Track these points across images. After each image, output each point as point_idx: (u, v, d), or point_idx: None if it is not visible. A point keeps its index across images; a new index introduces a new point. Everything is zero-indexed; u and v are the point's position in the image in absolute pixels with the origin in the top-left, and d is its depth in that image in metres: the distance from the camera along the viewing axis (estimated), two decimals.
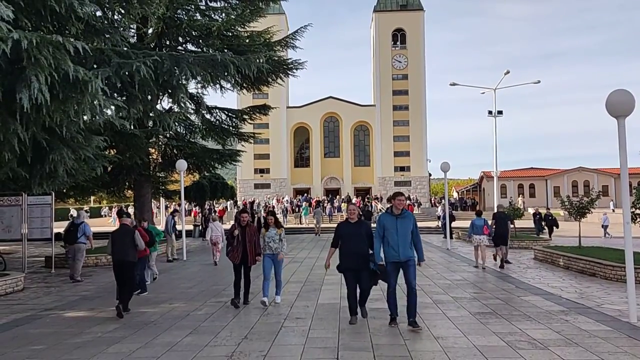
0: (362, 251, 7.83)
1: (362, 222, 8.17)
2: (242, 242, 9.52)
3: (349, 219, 8.10)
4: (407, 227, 7.61)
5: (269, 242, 9.58)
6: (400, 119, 63.16)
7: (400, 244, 7.55)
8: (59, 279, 14.46)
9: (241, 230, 9.61)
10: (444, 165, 22.19)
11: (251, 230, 9.66)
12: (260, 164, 63.55)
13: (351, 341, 7.04)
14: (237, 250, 9.53)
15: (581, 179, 57.21)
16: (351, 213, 8.14)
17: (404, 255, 7.55)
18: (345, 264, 7.87)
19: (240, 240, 9.54)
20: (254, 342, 7.11)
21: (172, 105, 20.17)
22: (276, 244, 9.59)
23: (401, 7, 64.18)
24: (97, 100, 10.36)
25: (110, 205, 59.94)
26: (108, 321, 8.69)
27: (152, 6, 14.30)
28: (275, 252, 9.62)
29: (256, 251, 9.61)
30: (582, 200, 18.34)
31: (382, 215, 7.88)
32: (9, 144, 10.04)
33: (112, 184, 23.48)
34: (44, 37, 8.81)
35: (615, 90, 8.32)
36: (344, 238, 7.93)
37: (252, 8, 22.61)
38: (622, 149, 8.30)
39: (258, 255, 9.63)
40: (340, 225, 8.16)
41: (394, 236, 7.56)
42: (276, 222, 9.79)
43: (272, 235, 9.64)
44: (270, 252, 9.62)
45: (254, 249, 9.58)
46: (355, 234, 7.88)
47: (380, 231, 7.68)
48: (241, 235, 9.56)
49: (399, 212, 7.70)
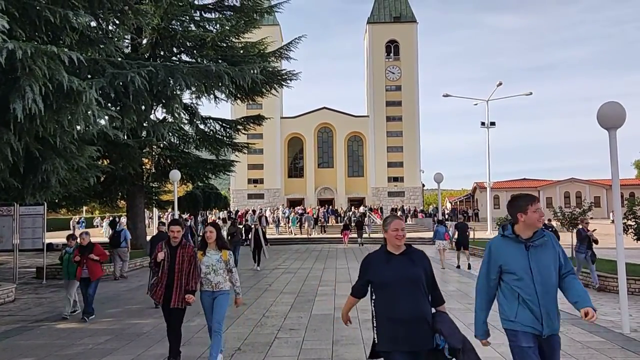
0: (422, 312, 3.96)
1: (416, 254, 4.10)
2: (168, 272, 6.32)
3: (391, 245, 4.08)
4: (548, 263, 3.81)
5: (207, 272, 6.28)
6: (394, 129, 63.42)
7: (541, 298, 3.74)
8: (49, 290, 14.34)
9: (171, 253, 6.38)
10: (438, 176, 22.29)
11: (186, 254, 6.35)
12: (254, 174, 63.48)
13: (345, 352, 7.02)
14: (161, 283, 6.35)
15: (573, 190, 57.53)
16: (397, 235, 4.02)
17: (548, 327, 3.75)
18: (389, 341, 3.93)
19: (167, 268, 6.32)
20: (247, 353, 7.07)
21: (166, 115, 20.19)
22: (219, 276, 6.29)
23: (394, 19, 64.71)
24: (91, 111, 10.37)
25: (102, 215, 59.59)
26: (99, 332, 8.62)
27: (146, 17, 14.35)
28: (218, 289, 6.28)
29: (189, 285, 6.27)
30: (574, 211, 18.46)
31: (496, 242, 4.00)
32: (2, 154, 10.02)
33: (104, 194, 23.45)
34: (39, 48, 8.82)
35: (607, 102, 8.42)
36: (384, 286, 3.98)
37: (247, 19, 22.76)
38: (613, 161, 8.38)
39: (191, 292, 6.26)
40: (374, 260, 4.12)
41: (528, 283, 3.76)
42: (219, 241, 6.42)
43: (212, 262, 6.30)
44: (210, 288, 6.29)
45: (185, 281, 6.30)
46: (407, 277, 3.94)
47: (492, 271, 3.94)
48: (170, 260, 6.35)
49: (531, 236, 3.85)
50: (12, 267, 16.33)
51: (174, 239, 6.40)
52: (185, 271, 6.29)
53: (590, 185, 57.68)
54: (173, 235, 6.39)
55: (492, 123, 42.03)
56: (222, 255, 6.34)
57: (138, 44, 21.36)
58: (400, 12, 64.90)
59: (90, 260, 9.54)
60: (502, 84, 39.18)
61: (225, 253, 6.38)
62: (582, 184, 57.91)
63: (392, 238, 4.03)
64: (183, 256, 6.33)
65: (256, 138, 52.61)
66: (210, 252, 6.35)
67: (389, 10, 65.27)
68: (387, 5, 65.33)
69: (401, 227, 4.03)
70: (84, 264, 9.54)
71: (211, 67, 16.63)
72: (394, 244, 4.02)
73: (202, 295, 6.35)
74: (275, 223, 42.75)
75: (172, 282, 6.28)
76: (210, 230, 6.36)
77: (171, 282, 6.29)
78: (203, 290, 6.34)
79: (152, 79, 14.79)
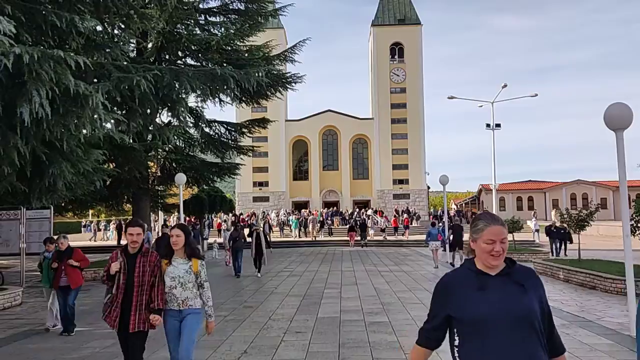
0: None
1: (523, 274, 2.52)
2: (125, 288, 4.95)
3: (486, 263, 2.49)
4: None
5: (172, 286, 4.97)
6: (399, 132, 63.35)
7: None
8: None
9: (128, 263, 4.99)
10: (443, 179, 22.20)
11: (148, 263, 4.99)
12: (259, 177, 63.52)
13: (352, 355, 6.99)
14: (116, 302, 4.95)
15: (579, 192, 57.28)
16: (493, 252, 2.44)
17: None
18: None
19: (124, 282, 4.95)
20: (253, 356, 7.06)
21: (171, 119, 20.28)
22: (188, 290, 4.98)
23: (399, 22, 64.70)
24: (97, 114, 10.42)
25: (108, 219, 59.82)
26: (106, 336, 8.61)
27: (151, 21, 14.42)
28: (185, 306, 4.96)
29: (154, 303, 4.92)
30: (580, 212, 18.35)
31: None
32: (9, 158, 10.06)
33: (110, 198, 23.51)
34: (45, 52, 8.87)
35: (614, 103, 8.36)
36: (476, 326, 2.40)
37: (251, 23, 22.83)
38: (620, 162, 8.32)
39: (156, 311, 4.92)
40: (458, 285, 2.52)
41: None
42: (188, 247, 5.06)
43: (178, 273, 4.97)
44: (176, 306, 4.97)
45: (148, 298, 4.95)
46: (513, 313, 2.39)
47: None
48: (127, 272, 4.96)
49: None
50: (19, 271, 16.39)
51: (132, 244, 5.00)
52: (147, 285, 4.94)
53: (596, 186, 57.43)
54: (132, 239, 4.99)
55: (498, 125, 41.88)
56: (191, 266, 5.01)
57: (143, 48, 21.44)
58: (404, 15, 64.90)
59: (69, 267, 8.62)
60: (507, 85, 39.07)
61: (196, 263, 5.03)
62: (589, 186, 57.66)
63: (483, 254, 2.48)
64: (144, 266, 4.96)
65: (261, 141, 52.69)
66: (177, 260, 5.02)
67: (393, 12, 65.29)
68: (392, 7, 65.33)
69: (501, 238, 2.46)
70: (63, 270, 8.62)
71: (216, 70, 16.69)
72: (488, 264, 2.48)
73: (165, 316, 4.99)
74: (280, 226, 42.85)
75: (131, 300, 4.91)
76: (176, 234, 5.00)
77: (129, 299, 4.91)
78: (166, 309, 4.99)
79: (157, 83, 14.87)
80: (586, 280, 13.60)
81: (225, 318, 9.88)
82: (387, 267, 19.51)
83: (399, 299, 11.79)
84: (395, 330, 8.38)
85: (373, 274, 17.14)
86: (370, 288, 13.79)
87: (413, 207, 57.32)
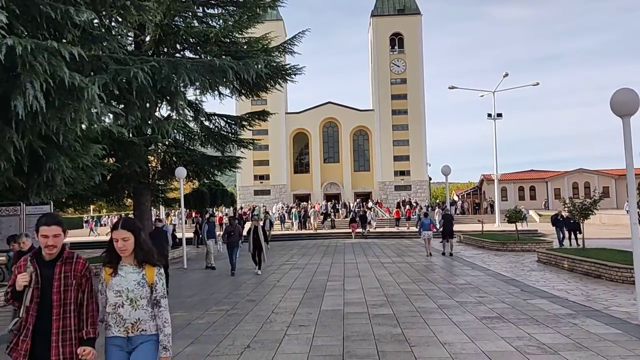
0: None
1: None
2: (38, 309, 3.49)
3: None
4: None
5: (118, 303, 3.59)
6: (400, 123, 63.13)
7: None
8: None
9: (42, 274, 3.53)
10: (445, 169, 22.10)
11: (72, 274, 3.57)
12: (259, 170, 63.42)
13: (356, 348, 6.87)
14: (24, 329, 3.48)
15: (581, 181, 57.06)
16: None
17: None
18: None
19: (36, 302, 3.50)
20: (257, 350, 6.94)
21: (170, 112, 20.07)
22: (140, 310, 3.60)
23: (398, 12, 64.31)
24: (94, 108, 10.24)
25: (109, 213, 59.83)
26: None
27: (149, 13, 14.18)
28: (136, 332, 3.59)
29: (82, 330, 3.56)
30: (584, 201, 18.17)
31: None
32: (5, 153, 9.90)
33: (111, 193, 23.37)
34: (39, 43, 8.70)
35: (620, 88, 8.20)
36: None
37: (250, 14, 22.54)
38: (627, 149, 8.16)
39: (87, 342, 3.53)
40: None
41: None
42: (138, 250, 3.65)
43: (127, 285, 3.60)
44: (123, 331, 3.59)
45: (73, 323, 3.55)
46: None
47: None
48: (40, 287, 3.51)
49: None
50: None
51: (47, 249, 3.52)
52: (71, 305, 3.53)
53: (599, 175, 57.19)
54: (46, 242, 3.50)
55: (499, 114, 41.69)
56: (145, 275, 3.63)
57: (141, 41, 21.22)
58: (404, 5, 64.49)
59: None
60: (508, 75, 38.90)
61: (152, 271, 3.65)
62: (591, 175, 57.42)
63: None
64: (67, 278, 3.53)
65: (261, 134, 52.50)
66: (124, 269, 3.64)
67: (392, 2, 64.87)
68: None
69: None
70: None
71: (215, 62, 16.50)
72: None
73: (108, 345, 3.60)
74: (281, 219, 42.76)
75: (49, 327, 3.46)
76: (122, 237, 3.58)
77: (46, 325, 3.47)
78: (110, 335, 3.60)
79: (155, 75, 14.67)
80: (591, 269, 13.47)
81: (228, 312, 9.77)
82: (390, 259, 19.40)
83: (402, 291, 11.67)
84: (400, 323, 8.26)
85: (376, 266, 17.02)
86: (373, 280, 13.68)
87: (415, 198, 57.16)
